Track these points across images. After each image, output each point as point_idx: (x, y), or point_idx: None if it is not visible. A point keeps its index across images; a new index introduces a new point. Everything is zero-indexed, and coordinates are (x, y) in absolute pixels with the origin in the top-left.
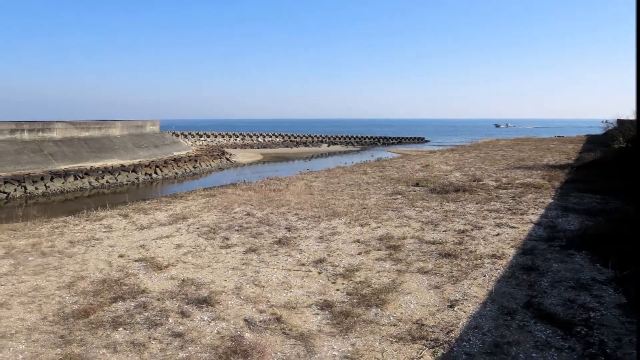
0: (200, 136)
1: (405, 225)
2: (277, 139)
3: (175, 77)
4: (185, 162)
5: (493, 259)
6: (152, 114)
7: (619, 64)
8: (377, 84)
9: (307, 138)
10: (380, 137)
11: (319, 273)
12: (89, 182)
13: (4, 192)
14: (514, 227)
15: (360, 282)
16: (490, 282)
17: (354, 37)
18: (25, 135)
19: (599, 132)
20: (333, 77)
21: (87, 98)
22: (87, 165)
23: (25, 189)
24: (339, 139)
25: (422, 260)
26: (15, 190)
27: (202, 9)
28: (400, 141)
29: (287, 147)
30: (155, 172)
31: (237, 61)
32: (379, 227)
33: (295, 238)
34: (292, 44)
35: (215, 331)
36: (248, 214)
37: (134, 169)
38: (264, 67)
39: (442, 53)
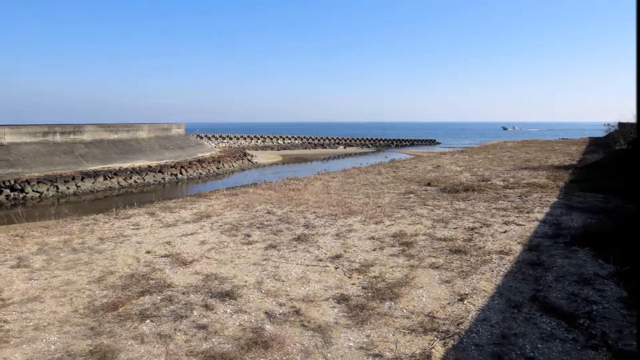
0: (223, 138)
1: (417, 223)
2: (296, 141)
3: (199, 82)
4: (208, 163)
5: (501, 255)
6: (177, 118)
7: (620, 69)
8: (390, 89)
9: (324, 140)
10: (394, 139)
11: (336, 268)
12: (118, 182)
13: (38, 192)
14: (520, 225)
15: (374, 277)
16: (498, 277)
17: (369, 44)
18: (58, 138)
19: (601, 134)
20: (349, 82)
21: (115, 103)
22: (116, 166)
23: (57, 188)
24: (355, 141)
25: (433, 256)
26: (47, 189)
27: (224, 17)
28: (413, 143)
29: (306, 148)
30: (181, 173)
31: (258, 67)
32: (392, 224)
33: (313, 235)
34: (309, 50)
35: (238, 323)
36: (268, 212)
37: (160, 169)
38: (284, 73)
39: (451, 59)
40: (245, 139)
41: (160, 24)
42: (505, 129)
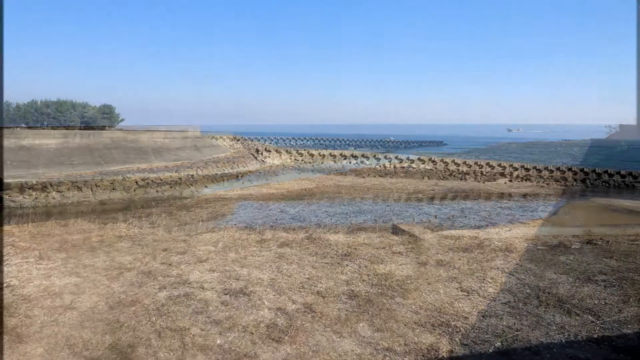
0: (237, 140)
1: (425, 221)
2: (308, 143)
3: (214, 86)
4: (223, 163)
5: (506, 252)
6: (193, 120)
7: (621, 70)
8: (399, 92)
9: (335, 141)
10: (402, 141)
11: (347, 265)
12: (136, 182)
13: (58, 192)
14: (525, 223)
15: (384, 274)
16: (504, 274)
17: (378, 49)
18: (77, 139)
19: (603, 135)
20: (358, 86)
21: (133, 107)
22: (134, 166)
23: (77, 188)
24: (365, 142)
25: (441, 254)
26: (67, 189)
27: (246, 23)
28: (421, 144)
29: (317, 150)
30: (197, 173)
31: (271, 71)
32: (401, 222)
33: (325, 233)
34: (316, 56)
35: (251, 319)
36: (281, 211)
37: (177, 169)
38: (290, 75)
39: (452, 61)
40: (259, 140)
41: (174, 34)
42: (510, 130)
